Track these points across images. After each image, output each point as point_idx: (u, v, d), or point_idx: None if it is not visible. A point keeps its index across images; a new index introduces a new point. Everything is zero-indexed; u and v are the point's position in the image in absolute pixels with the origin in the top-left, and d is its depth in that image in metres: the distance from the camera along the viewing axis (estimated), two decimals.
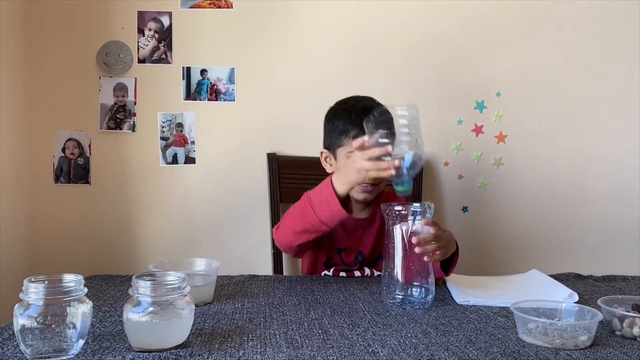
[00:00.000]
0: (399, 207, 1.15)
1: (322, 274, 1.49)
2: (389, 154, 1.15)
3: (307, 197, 1.30)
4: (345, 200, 1.28)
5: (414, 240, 1.13)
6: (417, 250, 1.13)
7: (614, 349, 0.92)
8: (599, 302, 1.04)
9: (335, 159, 1.46)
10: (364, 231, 1.50)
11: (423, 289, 1.15)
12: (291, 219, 1.33)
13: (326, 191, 1.26)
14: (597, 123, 2.02)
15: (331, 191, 1.25)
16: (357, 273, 1.48)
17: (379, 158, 1.16)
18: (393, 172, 1.14)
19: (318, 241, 1.39)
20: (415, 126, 1.14)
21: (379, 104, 1.45)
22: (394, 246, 1.15)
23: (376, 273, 1.48)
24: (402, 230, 1.14)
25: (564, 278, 1.42)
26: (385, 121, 1.16)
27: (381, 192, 1.51)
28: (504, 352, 0.89)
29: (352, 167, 1.23)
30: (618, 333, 0.99)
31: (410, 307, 1.14)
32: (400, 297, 1.15)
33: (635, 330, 0.96)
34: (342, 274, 1.47)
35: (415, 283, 1.15)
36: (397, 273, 1.15)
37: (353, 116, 1.41)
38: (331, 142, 1.47)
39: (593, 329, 0.93)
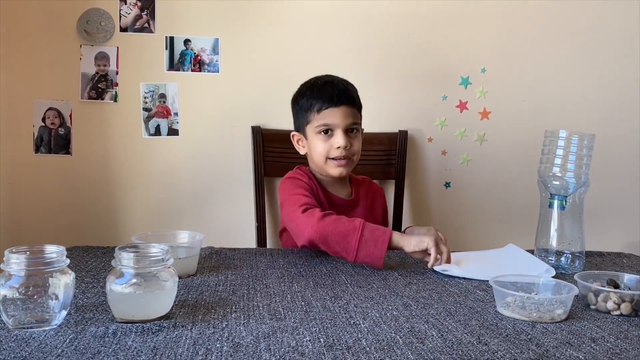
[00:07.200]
0: None
1: None
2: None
3: (357, 236, 1.25)
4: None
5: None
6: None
7: (588, 322, 0.94)
8: (575, 276, 1.07)
9: (306, 138, 1.48)
10: (346, 212, 1.46)
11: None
12: (334, 239, 1.27)
13: (381, 247, 1.23)
14: (581, 101, 2.04)
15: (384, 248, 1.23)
16: None
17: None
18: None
19: None
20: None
21: (340, 80, 1.49)
22: None
23: None
24: None
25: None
26: None
27: (363, 180, 1.55)
28: (482, 324, 0.91)
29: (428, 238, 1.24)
30: (593, 307, 1.01)
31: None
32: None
33: (609, 305, 0.99)
34: None
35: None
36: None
37: (315, 91, 1.45)
38: (300, 123, 1.50)
39: (569, 303, 0.96)
